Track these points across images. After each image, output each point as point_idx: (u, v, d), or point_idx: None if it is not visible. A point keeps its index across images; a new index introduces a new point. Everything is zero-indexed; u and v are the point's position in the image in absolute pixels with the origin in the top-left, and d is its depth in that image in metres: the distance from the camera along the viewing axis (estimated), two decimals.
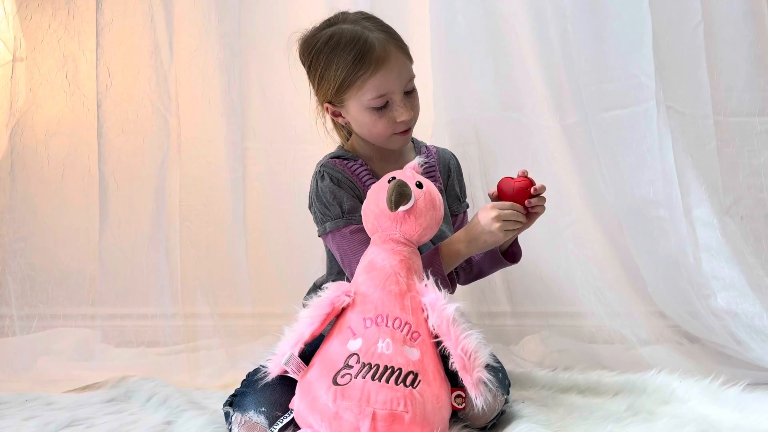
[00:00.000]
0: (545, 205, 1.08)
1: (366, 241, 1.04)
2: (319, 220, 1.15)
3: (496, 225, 1.02)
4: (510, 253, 1.17)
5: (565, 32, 1.48)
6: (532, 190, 1.06)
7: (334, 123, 1.25)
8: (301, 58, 1.18)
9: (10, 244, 1.65)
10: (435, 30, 1.59)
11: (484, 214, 1.04)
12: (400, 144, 1.17)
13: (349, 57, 1.07)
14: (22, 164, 1.70)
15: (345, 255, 1.11)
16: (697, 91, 1.45)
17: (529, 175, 1.08)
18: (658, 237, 1.41)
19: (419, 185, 0.98)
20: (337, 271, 1.20)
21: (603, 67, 1.45)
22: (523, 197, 1.06)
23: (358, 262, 1.02)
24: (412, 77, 1.13)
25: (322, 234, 1.16)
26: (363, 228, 1.05)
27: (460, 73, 1.58)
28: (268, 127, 1.73)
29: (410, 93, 1.13)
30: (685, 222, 1.35)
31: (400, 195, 0.94)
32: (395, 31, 1.14)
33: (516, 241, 1.17)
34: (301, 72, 1.33)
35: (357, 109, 1.12)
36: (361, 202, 1.07)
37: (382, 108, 1.10)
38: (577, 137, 1.52)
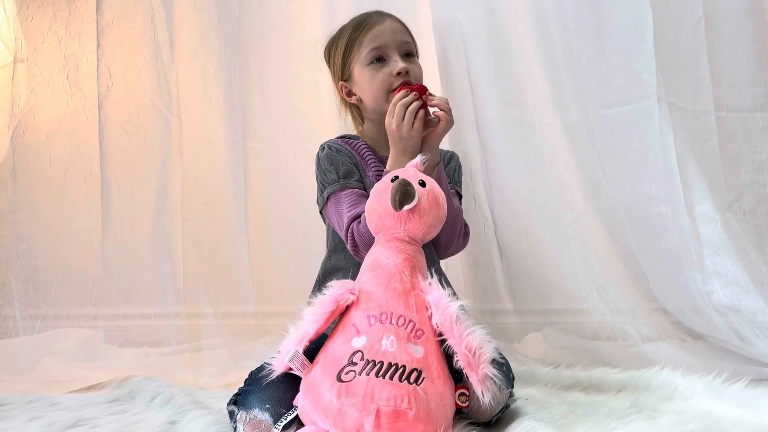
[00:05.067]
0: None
1: (359, 202, 1.10)
2: (319, 191, 1.20)
3: (395, 123, 1.12)
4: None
5: (565, 29, 1.48)
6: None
7: (352, 113, 1.32)
8: (324, 58, 1.33)
9: (12, 245, 1.65)
10: (436, 28, 1.59)
11: (389, 126, 1.13)
12: None
13: (351, 27, 1.25)
14: (24, 165, 1.70)
15: (339, 215, 1.15)
16: (698, 87, 1.45)
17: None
18: (660, 233, 1.41)
19: (422, 184, 0.99)
20: (333, 248, 1.23)
21: (604, 63, 1.45)
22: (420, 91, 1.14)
23: (350, 220, 1.10)
24: (409, 42, 1.24)
25: (323, 206, 1.19)
26: (359, 192, 1.14)
27: (460, 70, 1.58)
28: (269, 126, 1.73)
29: (409, 58, 1.23)
30: (688, 218, 1.35)
31: (404, 194, 0.94)
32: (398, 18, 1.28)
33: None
34: (302, 71, 1.35)
35: (359, 70, 1.22)
36: (358, 172, 1.18)
37: (379, 62, 1.20)
38: (578, 134, 1.52)
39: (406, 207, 0.95)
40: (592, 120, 1.47)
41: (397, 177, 0.99)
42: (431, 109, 1.16)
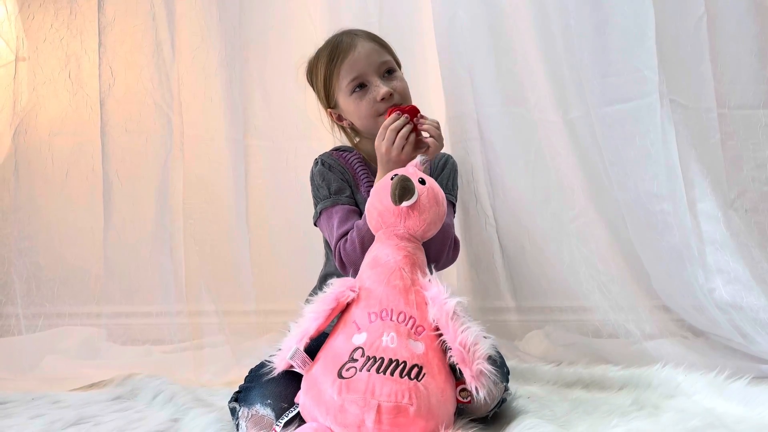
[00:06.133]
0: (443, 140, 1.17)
1: (348, 218, 1.11)
2: (313, 206, 1.21)
3: (385, 146, 1.11)
4: None
5: (567, 26, 1.48)
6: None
7: (345, 132, 1.33)
8: (308, 82, 1.33)
9: (15, 244, 1.66)
10: (437, 26, 1.59)
11: (379, 148, 1.12)
12: None
13: (325, 56, 1.23)
14: (26, 164, 1.70)
15: (330, 231, 1.15)
16: (700, 84, 1.44)
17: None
18: (662, 231, 1.40)
19: (422, 182, 0.99)
20: (329, 255, 1.23)
21: (606, 61, 1.44)
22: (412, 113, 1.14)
23: (338, 238, 1.10)
24: (386, 61, 1.22)
25: (316, 220, 1.21)
26: (348, 209, 1.15)
27: (462, 68, 1.58)
28: (270, 124, 1.73)
29: (390, 75, 1.22)
30: (689, 215, 1.34)
31: (403, 189, 0.95)
32: (370, 32, 1.27)
33: None
34: (303, 69, 1.35)
35: (344, 100, 1.22)
36: (350, 187, 1.19)
37: (361, 90, 1.19)
38: (580, 132, 1.52)
39: (406, 203, 0.95)
40: (594, 117, 1.47)
41: (397, 175, 0.99)
42: (423, 133, 1.15)
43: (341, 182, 1.20)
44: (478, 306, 1.63)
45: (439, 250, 1.14)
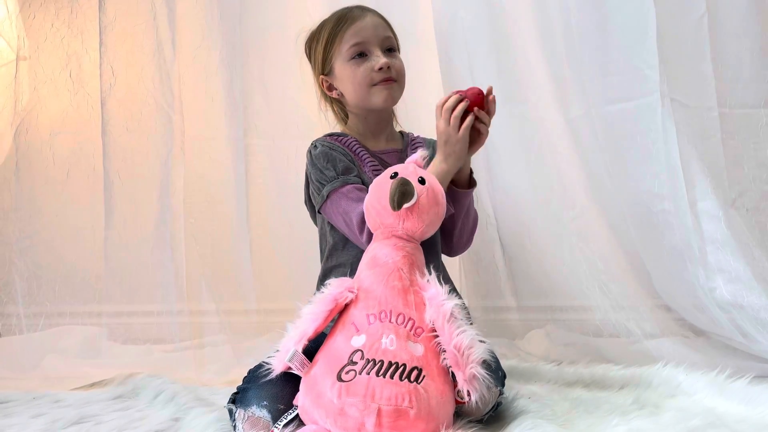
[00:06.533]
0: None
1: (363, 197, 1.06)
2: (316, 190, 1.17)
3: (442, 124, 1.11)
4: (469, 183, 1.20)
5: (568, 25, 1.48)
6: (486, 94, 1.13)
7: (333, 108, 1.32)
8: (305, 52, 1.32)
9: (16, 243, 1.66)
10: (437, 26, 1.59)
11: (438, 127, 1.12)
12: (382, 98, 1.20)
13: (332, 22, 1.24)
14: (27, 163, 1.70)
15: (345, 214, 1.12)
16: (701, 83, 1.44)
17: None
18: (663, 230, 1.40)
19: (422, 181, 0.97)
20: (333, 246, 1.21)
21: (607, 60, 1.44)
22: (477, 102, 1.12)
23: (358, 217, 1.07)
24: (390, 37, 1.23)
25: (321, 204, 1.16)
26: (360, 187, 1.12)
27: (462, 67, 1.58)
28: (271, 123, 1.73)
29: (391, 53, 1.22)
30: (690, 215, 1.34)
31: (402, 194, 0.93)
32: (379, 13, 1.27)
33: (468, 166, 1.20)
34: (304, 68, 1.35)
35: (341, 65, 1.22)
36: (355, 167, 1.16)
37: (360, 58, 1.20)
38: (581, 130, 1.52)
39: (405, 206, 0.94)
40: (595, 116, 1.47)
41: (396, 174, 0.98)
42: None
43: (347, 162, 1.17)
44: (479, 305, 1.63)
45: (470, 234, 1.22)
